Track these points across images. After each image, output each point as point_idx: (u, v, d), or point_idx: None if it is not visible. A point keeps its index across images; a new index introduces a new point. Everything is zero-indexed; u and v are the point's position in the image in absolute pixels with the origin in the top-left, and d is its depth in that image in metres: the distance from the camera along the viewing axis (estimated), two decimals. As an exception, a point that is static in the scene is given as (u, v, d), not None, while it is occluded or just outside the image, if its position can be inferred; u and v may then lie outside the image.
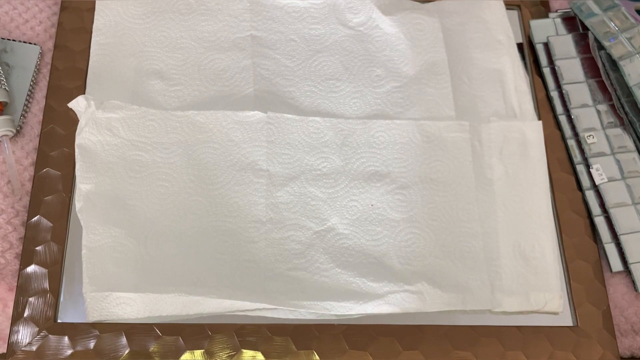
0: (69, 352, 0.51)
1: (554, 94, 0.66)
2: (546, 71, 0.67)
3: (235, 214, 0.57)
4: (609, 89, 0.63)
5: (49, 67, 0.62)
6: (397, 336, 0.54)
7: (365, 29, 0.67)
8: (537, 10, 0.71)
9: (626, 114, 0.62)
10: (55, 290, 0.53)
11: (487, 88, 0.66)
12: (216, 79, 0.63)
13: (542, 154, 0.63)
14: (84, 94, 0.60)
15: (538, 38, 0.68)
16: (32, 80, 0.61)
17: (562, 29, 0.68)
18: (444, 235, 0.58)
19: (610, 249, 0.59)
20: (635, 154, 0.62)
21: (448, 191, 0.60)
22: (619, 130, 0.63)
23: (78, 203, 0.55)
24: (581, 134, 0.63)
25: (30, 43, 0.62)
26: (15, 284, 0.53)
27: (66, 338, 0.52)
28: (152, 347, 0.52)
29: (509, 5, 0.70)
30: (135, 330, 0.52)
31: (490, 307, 0.56)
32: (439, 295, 0.55)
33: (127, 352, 0.52)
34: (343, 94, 0.64)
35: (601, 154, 0.62)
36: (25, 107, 0.60)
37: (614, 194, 0.60)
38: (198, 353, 0.52)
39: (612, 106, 0.64)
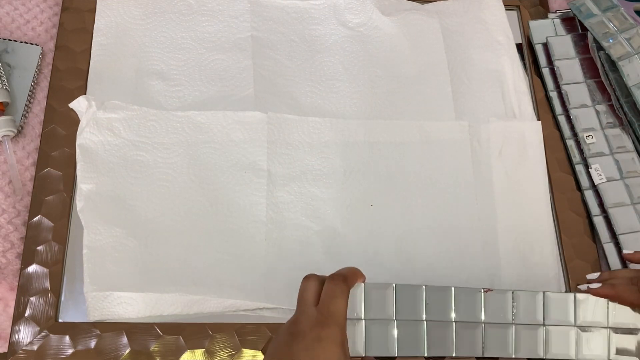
0: (70, 351, 0.51)
1: (553, 95, 0.66)
2: (545, 71, 0.67)
3: (236, 214, 0.57)
4: (608, 89, 0.64)
5: (50, 67, 0.62)
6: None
7: (365, 29, 0.67)
8: (537, 10, 0.71)
9: (625, 114, 0.62)
10: (56, 290, 0.53)
11: (487, 89, 0.66)
12: (217, 80, 0.63)
13: (542, 154, 0.63)
14: (85, 94, 0.60)
15: (537, 38, 0.68)
16: (33, 81, 0.61)
17: (561, 29, 0.68)
18: (444, 235, 0.58)
19: (610, 249, 0.59)
20: (634, 154, 0.62)
21: (448, 191, 0.60)
22: (617, 131, 0.63)
23: (79, 203, 0.56)
24: (580, 134, 0.63)
25: (31, 43, 0.62)
26: (17, 283, 0.54)
27: (67, 337, 0.52)
28: (153, 347, 0.52)
29: (508, 6, 0.71)
30: (136, 330, 0.52)
31: (490, 307, 0.56)
32: (438, 294, 0.55)
33: (127, 351, 0.52)
34: (343, 94, 0.64)
35: (600, 154, 0.62)
36: (26, 108, 0.60)
37: (613, 193, 0.60)
38: (199, 352, 0.52)
39: (611, 106, 0.64)
